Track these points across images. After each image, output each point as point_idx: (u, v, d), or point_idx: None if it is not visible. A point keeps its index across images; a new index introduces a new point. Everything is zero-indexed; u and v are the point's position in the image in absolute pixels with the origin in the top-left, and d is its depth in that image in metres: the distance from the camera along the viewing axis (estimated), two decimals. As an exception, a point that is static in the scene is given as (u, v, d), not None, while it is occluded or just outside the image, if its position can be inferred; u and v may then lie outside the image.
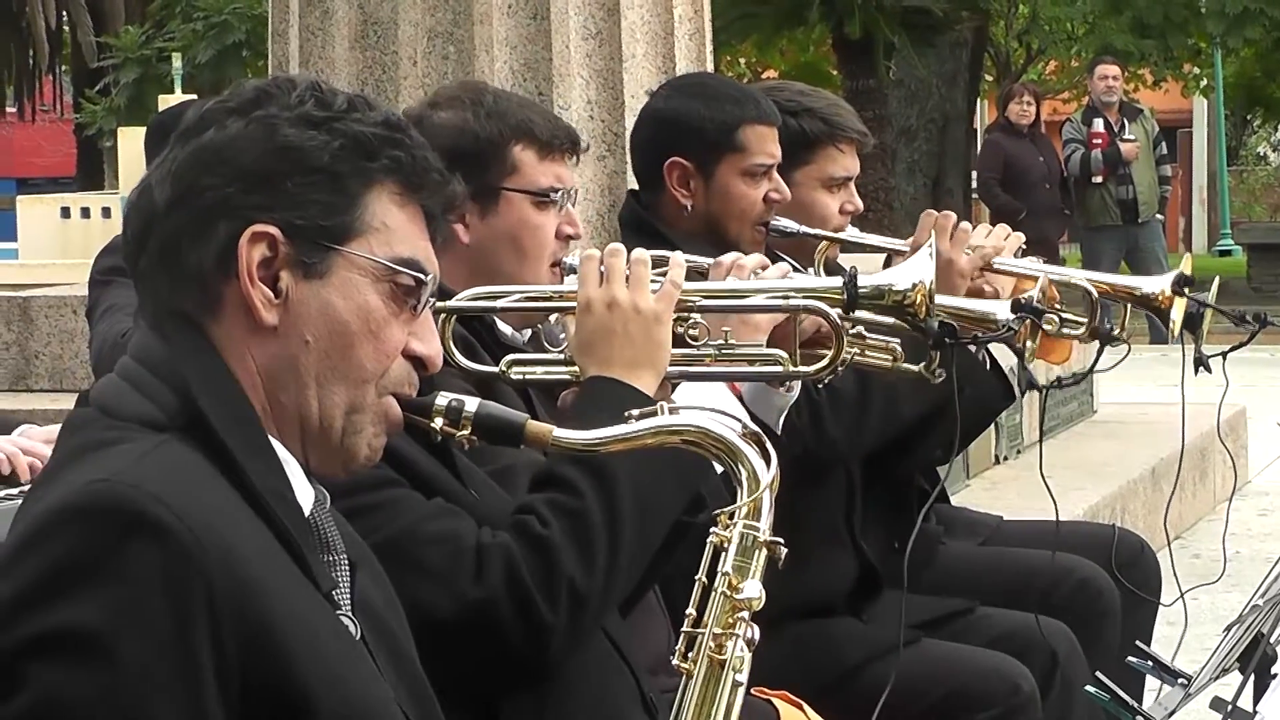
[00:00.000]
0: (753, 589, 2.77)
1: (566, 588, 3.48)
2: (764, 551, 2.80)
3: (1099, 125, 19.86)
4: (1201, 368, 4.99)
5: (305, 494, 2.73)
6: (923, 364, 4.06)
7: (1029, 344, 4.66)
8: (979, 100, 31.22)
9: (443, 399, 2.88)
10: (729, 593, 2.77)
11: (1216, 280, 5.13)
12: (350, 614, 2.77)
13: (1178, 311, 4.99)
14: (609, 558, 3.53)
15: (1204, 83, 39.23)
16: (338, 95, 2.77)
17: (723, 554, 2.81)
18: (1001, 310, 4.58)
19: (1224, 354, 4.90)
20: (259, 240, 2.66)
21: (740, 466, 2.85)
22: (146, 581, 2.41)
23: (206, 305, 2.70)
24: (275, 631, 2.49)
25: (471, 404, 2.90)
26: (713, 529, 2.86)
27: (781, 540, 2.82)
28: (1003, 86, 27.62)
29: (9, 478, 5.70)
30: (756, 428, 2.95)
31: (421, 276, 2.75)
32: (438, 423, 2.88)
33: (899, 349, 4.04)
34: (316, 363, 2.70)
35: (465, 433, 2.90)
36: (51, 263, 18.29)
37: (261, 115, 2.72)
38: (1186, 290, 5.01)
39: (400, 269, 2.73)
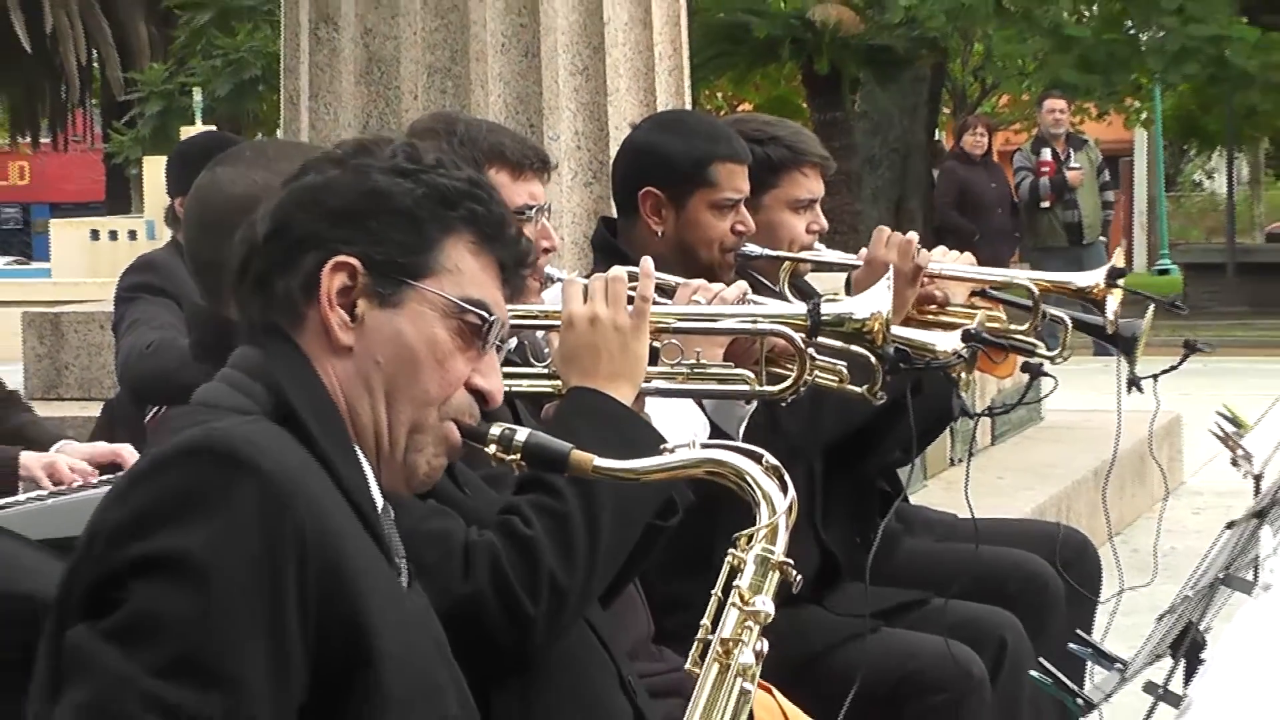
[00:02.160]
0: (765, 604, 2.78)
1: (548, 584, 3.48)
2: (778, 573, 2.82)
3: (1047, 154, 19.89)
4: (1134, 388, 4.99)
5: (377, 498, 2.80)
6: (865, 386, 4.06)
7: (964, 375, 4.70)
8: (937, 130, 31.19)
9: (496, 428, 2.92)
10: (742, 605, 2.78)
11: (1151, 308, 5.12)
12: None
13: (1113, 300, 4.99)
14: (588, 556, 3.54)
15: (1144, 115, 39.14)
16: (428, 154, 2.87)
17: (739, 573, 2.82)
18: (950, 341, 4.62)
19: (1155, 376, 4.89)
20: (340, 269, 2.76)
21: (760, 496, 2.87)
22: (244, 517, 2.47)
23: (293, 325, 2.78)
24: (350, 580, 2.55)
25: (522, 434, 2.94)
26: (731, 550, 2.86)
27: (792, 561, 2.84)
28: (959, 118, 27.67)
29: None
30: (776, 462, 2.94)
31: (487, 316, 2.82)
32: (491, 449, 2.92)
33: (845, 371, 4.05)
34: (386, 382, 2.78)
35: (515, 458, 2.94)
36: (81, 281, 18.29)
37: (356, 164, 2.83)
38: (1119, 283, 5.01)
39: (468, 308, 2.81)
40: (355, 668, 2.53)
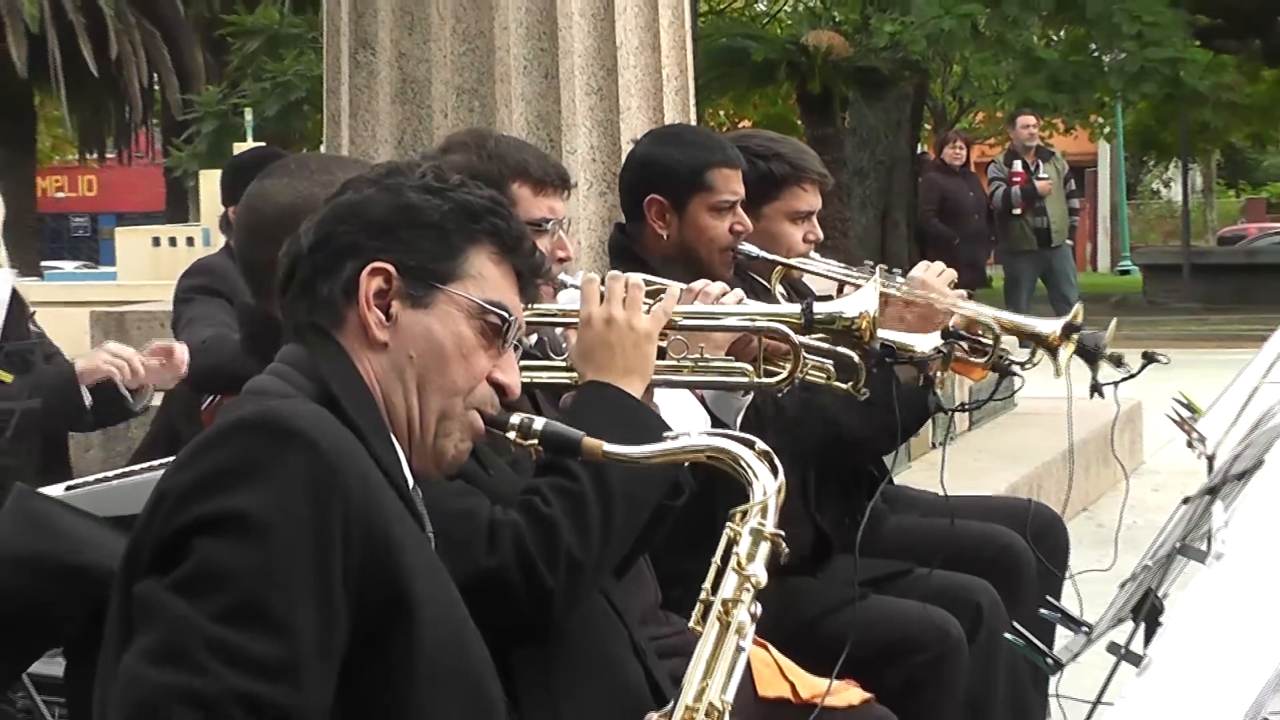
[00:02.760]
0: (759, 570, 2.82)
1: (565, 558, 3.48)
2: (769, 544, 2.85)
3: (1018, 166, 19.83)
4: (1097, 393, 4.99)
5: (409, 478, 2.84)
6: (850, 384, 4.06)
7: (939, 374, 4.71)
8: (919, 144, 31.17)
9: (516, 417, 2.97)
10: (739, 571, 2.81)
11: (1113, 323, 5.11)
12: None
13: (1065, 352, 4.98)
14: (602, 533, 3.54)
15: (1107, 130, 39.18)
16: (453, 175, 2.96)
17: (736, 543, 2.84)
18: (929, 341, 4.63)
19: (1115, 384, 4.89)
20: (377, 274, 2.82)
21: (753, 477, 2.90)
22: (296, 483, 2.51)
23: (334, 324, 2.84)
24: (391, 543, 2.58)
25: (539, 422, 2.98)
26: (728, 524, 2.89)
27: (783, 534, 2.87)
28: (939, 133, 27.69)
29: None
30: (767, 447, 2.98)
31: (506, 317, 2.89)
32: (511, 435, 2.96)
33: (832, 369, 4.04)
34: (417, 374, 2.84)
35: (533, 444, 2.98)
36: (144, 284, 18.24)
37: (390, 183, 2.90)
38: (1076, 334, 5.00)
39: (490, 309, 2.88)
40: (393, 623, 2.56)
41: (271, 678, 2.41)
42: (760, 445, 2.94)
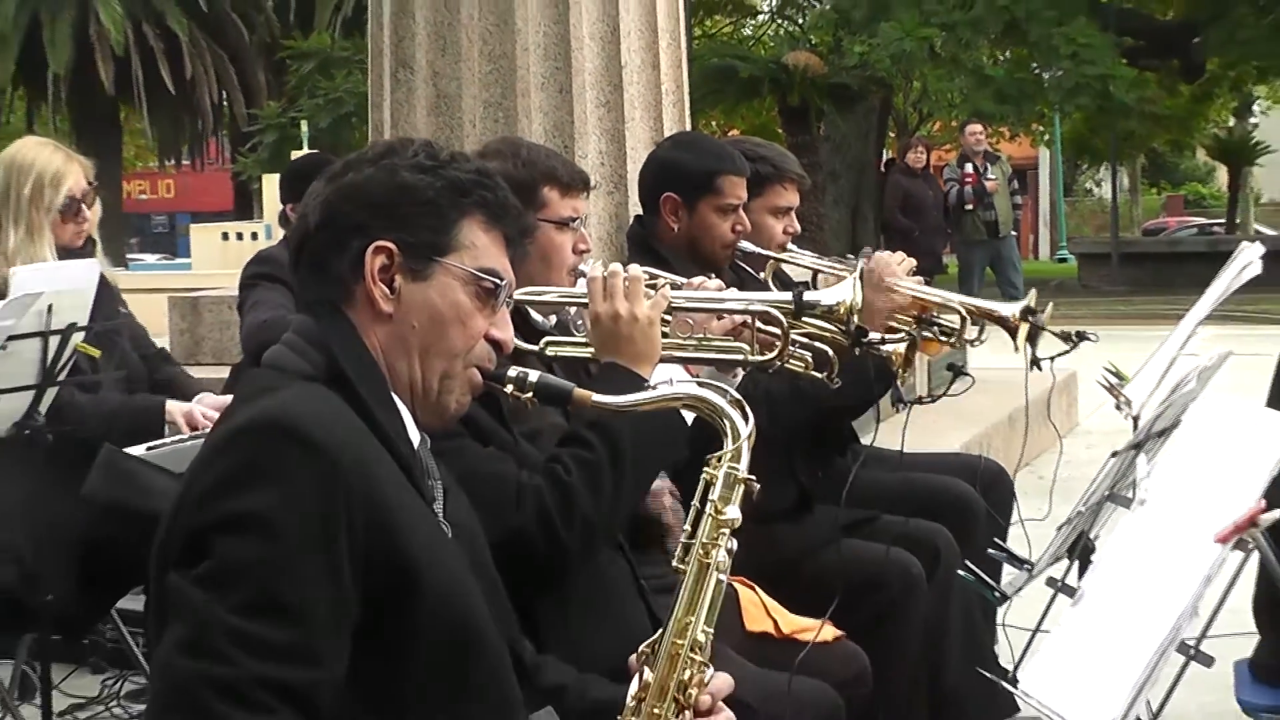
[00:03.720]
0: (733, 512, 2.75)
1: (581, 520, 3.48)
2: (742, 486, 2.78)
3: (970, 168, 19.75)
4: (1036, 366, 4.98)
5: (414, 435, 2.76)
6: (825, 373, 4.05)
7: (902, 372, 4.70)
8: (885, 150, 31.12)
9: (513, 371, 2.89)
10: (715, 515, 2.75)
11: (1050, 305, 5.10)
12: (446, 522, 2.79)
13: (1023, 332, 4.97)
14: (613, 498, 3.54)
15: (1046, 137, 39.21)
16: (444, 151, 2.85)
17: (711, 486, 2.78)
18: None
19: (1051, 359, 4.88)
20: (380, 252, 2.73)
21: (726, 423, 2.82)
22: (302, 482, 2.44)
23: (343, 298, 2.75)
24: (392, 525, 2.52)
25: (534, 375, 2.91)
26: (704, 469, 2.82)
27: (754, 478, 2.81)
28: (902, 140, 27.57)
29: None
30: (739, 396, 2.93)
31: (498, 282, 2.80)
32: (509, 388, 2.89)
33: (810, 359, 4.03)
34: (420, 341, 2.75)
35: (528, 396, 2.90)
36: (214, 273, 18.23)
37: (387, 163, 2.80)
38: (1032, 317, 4.99)
39: (483, 276, 2.78)
40: (398, 593, 2.51)
41: (289, 660, 2.38)
42: (733, 394, 2.89)
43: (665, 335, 3.80)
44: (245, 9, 41.60)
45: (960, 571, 4.52)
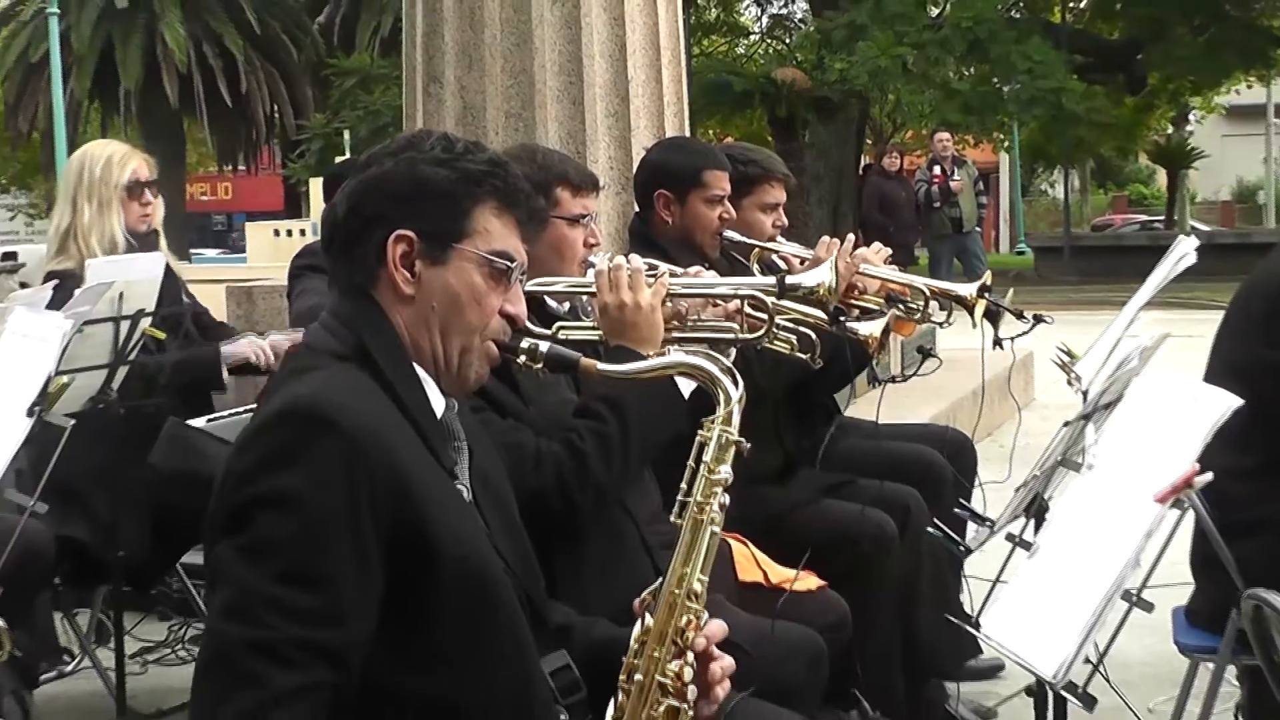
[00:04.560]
0: (725, 471, 2.72)
1: (593, 484, 3.51)
2: (733, 447, 2.75)
3: (938, 170, 19.81)
4: (998, 346, 4.97)
5: (439, 403, 2.73)
6: (808, 355, 4.04)
7: (877, 353, 4.69)
8: (863, 155, 31.06)
9: (526, 342, 2.83)
10: (709, 474, 2.72)
11: (1010, 291, 5.09)
12: (467, 483, 2.77)
13: (979, 308, 4.96)
14: (622, 463, 3.55)
15: (1006, 144, 39.15)
16: (458, 143, 2.79)
17: (705, 448, 2.75)
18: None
19: (1012, 339, 4.86)
20: (400, 240, 2.69)
21: (719, 389, 2.79)
22: (329, 463, 2.42)
23: (370, 282, 2.71)
24: (413, 497, 2.49)
25: (544, 346, 2.86)
26: (699, 430, 2.79)
27: (744, 440, 2.78)
28: (878, 147, 27.59)
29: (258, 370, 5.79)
30: (730, 365, 2.90)
31: (509, 263, 2.75)
32: (522, 358, 2.84)
33: (795, 341, 4.01)
34: (440, 320, 2.71)
35: (539, 366, 2.85)
36: (267, 265, 18.16)
37: (406, 157, 2.74)
38: (987, 294, 4.98)
39: (495, 259, 2.73)
40: (422, 561, 2.49)
41: (320, 624, 2.37)
42: (725, 362, 2.86)
43: (665, 320, 3.80)
44: (294, 31, 41.58)
45: (929, 529, 4.51)
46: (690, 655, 2.65)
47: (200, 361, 5.75)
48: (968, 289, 5.00)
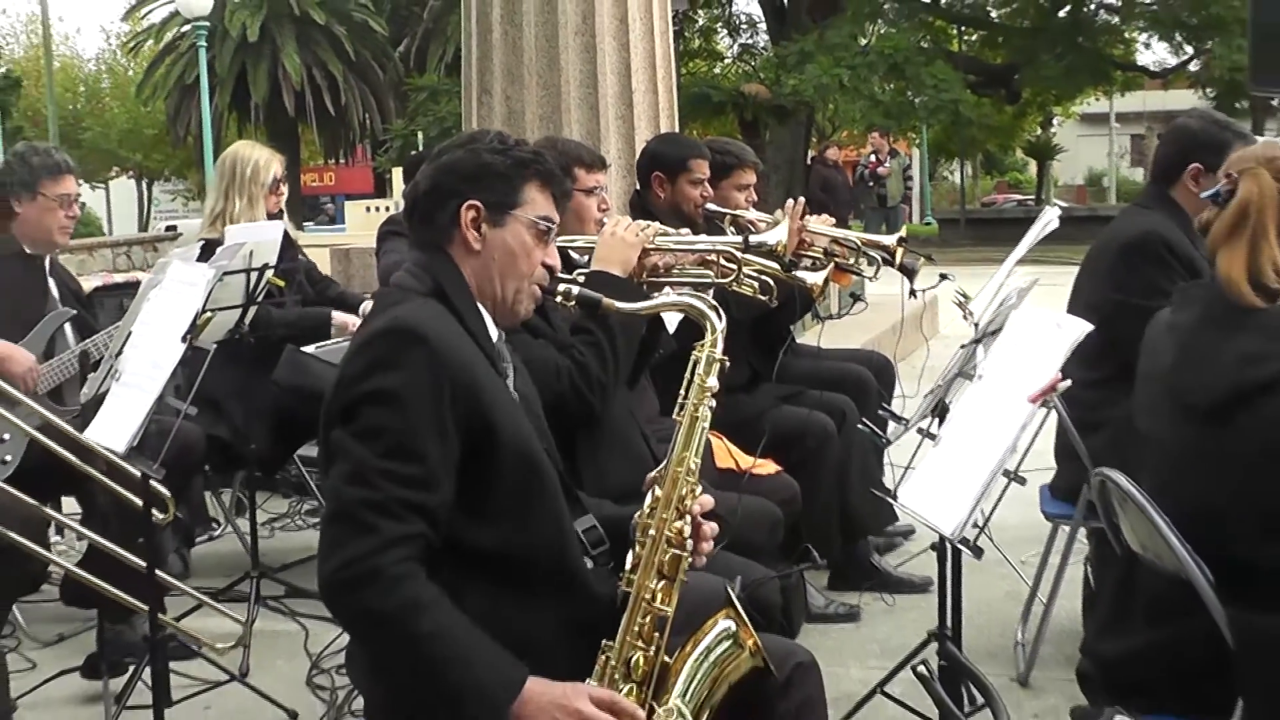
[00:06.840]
0: (712, 381, 2.71)
1: (597, 383, 3.49)
2: (718, 364, 2.74)
3: (873, 158, 19.82)
4: (913, 295, 4.94)
5: (494, 333, 2.73)
6: (767, 296, 3.98)
7: (820, 297, 4.65)
8: (809, 150, 30.88)
9: (562, 285, 2.82)
10: (700, 383, 2.72)
11: (922, 260, 5.03)
12: (515, 391, 2.76)
13: (899, 254, 4.92)
14: (614, 364, 3.54)
15: (918, 141, 38.96)
16: (509, 138, 2.80)
17: (697, 364, 2.74)
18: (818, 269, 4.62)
19: (924, 290, 4.82)
20: (470, 209, 2.70)
21: (706, 320, 2.78)
22: (420, 368, 2.42)
23: (445, 241, 2.71)
24: (480, 396, 2.49)
25: (575, 289, 2.83)
26: (693, 351, 2.77)
27: (727, 359, 2.76)
28: (821, 144, 27.32)
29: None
30: (714, 302, 2.86)
31: (551, 225, 2.76)
32: (558, 299, 2.82)
33: (757, 285, 3.96)
34: (499, 269, 2.71)
35: (571, 304, 2.84)
36: (361, 234, 18.16)
37: (471, 147, 2.76)
38: (904, 243, 4.94)
39: (540, 222, 2.74)
40: (487, 443, 2.49)
41: (416, 487, 2.38)
42: (711, 300, 2.82)
43: (656, 266, 3.75)
44: (380, 58, 41.44)
45: (859, 426, 4.51)
46: (689, 518, 2.64)
47: (315, 318, 5.81)
48: (889, 239, 4.98)
